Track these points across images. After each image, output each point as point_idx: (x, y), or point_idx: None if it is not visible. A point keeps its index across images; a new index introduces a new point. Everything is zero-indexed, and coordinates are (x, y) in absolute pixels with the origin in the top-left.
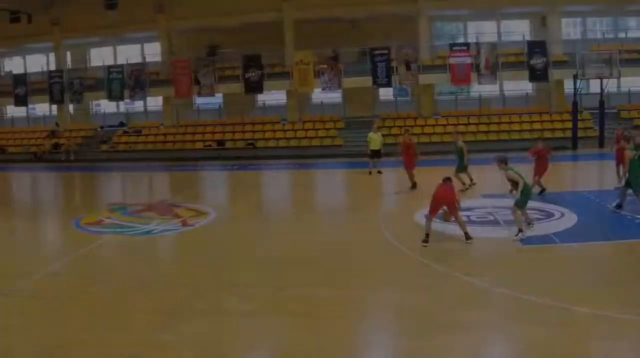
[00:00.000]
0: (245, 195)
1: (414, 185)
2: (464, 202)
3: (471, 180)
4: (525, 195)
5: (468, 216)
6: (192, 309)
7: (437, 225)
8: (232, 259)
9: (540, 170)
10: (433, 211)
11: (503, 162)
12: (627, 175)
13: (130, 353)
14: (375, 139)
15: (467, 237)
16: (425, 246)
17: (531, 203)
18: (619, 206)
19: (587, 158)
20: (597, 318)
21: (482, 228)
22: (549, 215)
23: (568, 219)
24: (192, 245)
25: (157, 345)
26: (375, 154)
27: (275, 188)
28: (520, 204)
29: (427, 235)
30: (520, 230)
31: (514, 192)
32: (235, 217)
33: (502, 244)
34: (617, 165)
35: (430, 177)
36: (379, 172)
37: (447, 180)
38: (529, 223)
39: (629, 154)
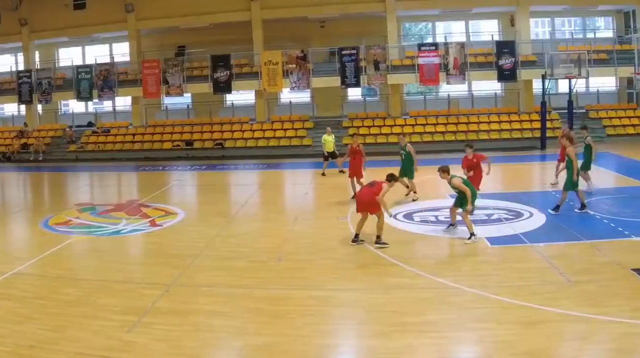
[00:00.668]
0: (213, 195)
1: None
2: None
3: (407, 187)
4: (473, 199)
5: (436, 216)
6: (162, 309)
7: (408, 226)
8: (200, 259)
9: (477, 180)
10: (357, 210)
11: (445, 172)
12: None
13: (100, 353)
14: (329, 141)
15: (377, 241)
16: (353, 245)
17: (500, 203)
18: (583, 206)
19: (555, 158)
20: (567, 318)
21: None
22: (518, 215)
23: (537, 219)
24: (161, 245)
25: (127, 345)
26: (331, 155)
27: (243, 188)
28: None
29: (357, 235)
30: (472, 234)
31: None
32: (204, 217)
33: (472, 244)
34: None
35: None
36: (341, 171)
37: (372, 183)
38: (454, 224)
39: (572, 150)
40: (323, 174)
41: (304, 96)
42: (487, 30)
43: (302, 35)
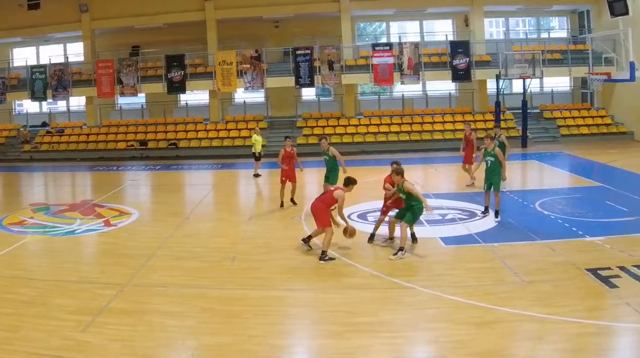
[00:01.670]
0: (168, 195)
1: (292, 202)
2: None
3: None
4: (417, 213)
5: (391, 216)
6: (116, 309)
7: (362, 226)
8: (155, 259)
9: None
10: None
11: (400, 174)
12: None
13: (55, 354)
14: (258, 141)
15: (322, 257)
16: (303, 244)
17: (454, 203)
18: (486, 209)
19: (509, 158)
20: (521, 318)
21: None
22: (472, 215)
23: (491, 219)
24: (115, 245)
25: (81, 345)
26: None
27: (198, 188)
28: (410, 221)
29: (309, 236)
30: (401, 249)
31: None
32: (158, 217)
33: (426, 244)
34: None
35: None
36: (256, 175)
37: (325, 193)
38: (391, 238)
39: (499, 151)
40: (255, 175)
41: (258, 96)
42: (442, 30)
43: (257, 35)
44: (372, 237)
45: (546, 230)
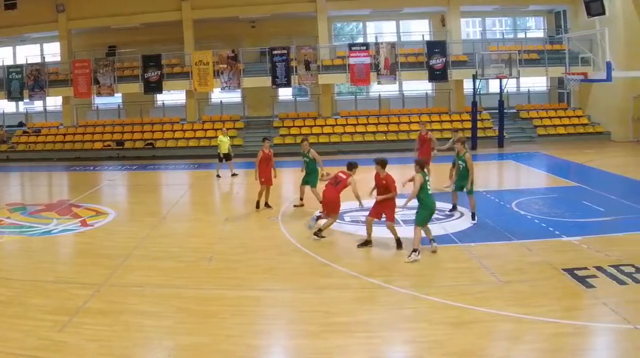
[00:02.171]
0: (144, 195)
1: (267, 206)
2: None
3: (301, 199)
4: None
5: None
6: (92, 309)
7: (339, 226)
8: (131, 259)
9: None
10: (323, 211)
11: (383, 166)
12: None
13: (31, 354)
14: (224, 142)
15: (317, 234)
16: (316, 238)
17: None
18: (454, 207)
19: (486, 158)
20: (497, 318)
21: (381, 229)
22: (448, 215)
23: (468, 219)
24: (92, 245)
25: (58, 345)
26: (225, 156)
27: (174, 188)
28: (419, 222)
29: (320, 230)
30: (414, 250)
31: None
32: (135, 217)
33: (403, 245)
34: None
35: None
36: (234, 174)
37: (336, 181)
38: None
39: (469, 156)
40: (218, 176)
41: (234, 96)
42: (418, 30)
43: (233, 35)
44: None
45: (523, 230)
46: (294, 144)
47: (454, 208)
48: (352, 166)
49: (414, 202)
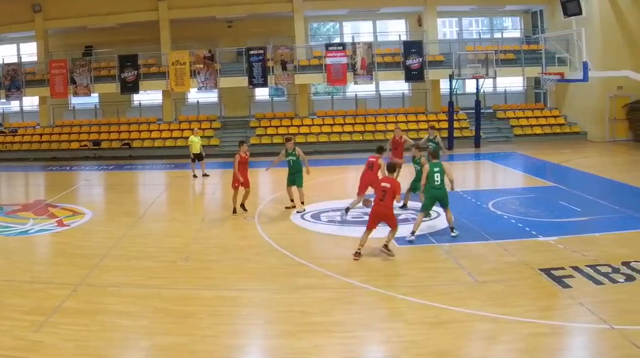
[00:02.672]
0: (121, 195)
1: (242, 208)
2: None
3: (292, 200)
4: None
5: (342, 216)
6: (69, 309)
7: (315, 225)
8: (108, 259)
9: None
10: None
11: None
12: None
13: (8, 354)
14: (196, 142)
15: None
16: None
17: (409, 203)
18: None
19: (463, 158)
20: (474, 318)
21: (358, 228)
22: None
23: (444, 219)
24: (69, 245)
25: (34, 345)
26: (197, 156)
27: (151, 188)
28: (423, 208)
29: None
30: (412, 232)
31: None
32: (112, 217)
33: (379, 244)
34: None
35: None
36: (205, 175)
37: (371, 167)
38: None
39: (425, 160)
40: (194, 176)
41: (211, 96)
42: (395, 30)
43: (210, 35)
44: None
45: (499, 230)
46: (271, 144)
47: (404, 206)
48: (381, 149)
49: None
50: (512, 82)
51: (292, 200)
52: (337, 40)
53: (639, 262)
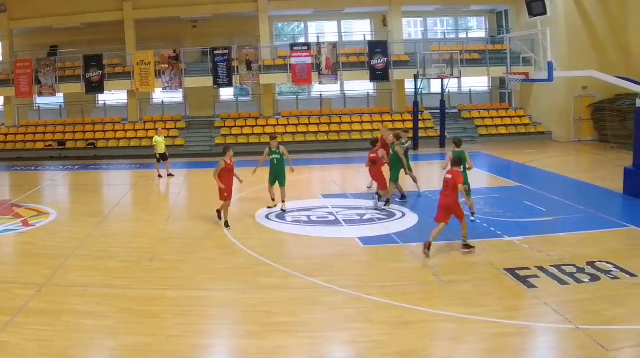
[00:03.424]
0: (86, 195)
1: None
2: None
3: (274, 199)
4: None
5: (308, 216)
6: (34, 309)
7: (280, 226)
8: (73, 259)
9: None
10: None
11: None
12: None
13: None
14: (160, 142)
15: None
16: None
17: (373, 203)
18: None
19: (428, 158)
20: (439, 318)
21: (323, 228)
22: (390, 215)
23: (409, 219)
24: (33, 245)
25: None
26: (162, 157)
27: (116, 188)
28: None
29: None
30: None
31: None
32: (76, 217)
33: (344, 244)
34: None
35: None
36: (170, 175)
37: (374, 163)
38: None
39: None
40: (160, 176)
41: (176, 96)
42: (360, 30)
43: (175, 36)
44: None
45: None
46: (236, 144)
47: (403, 197)
48: (374, 142)
49: None
50: (477, 82)
51: (273, 199)
52: (302, 40)
53: (604, 262)
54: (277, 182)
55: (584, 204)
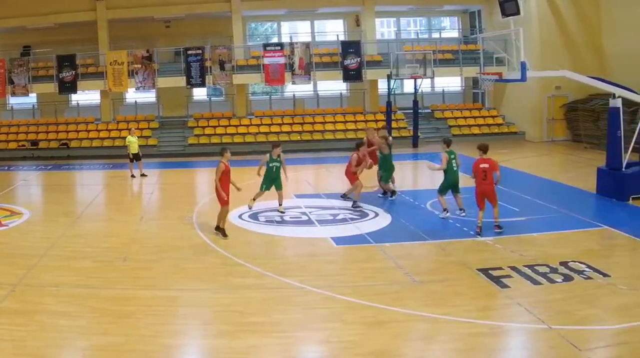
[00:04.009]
0: (59, 195)
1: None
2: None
3: (254, 199)
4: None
5: (282, 216)
6: (7, 309)
7: (253, 226)
8: (46, 259)
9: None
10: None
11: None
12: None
13: None
14: (133, 142)
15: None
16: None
17: (345, 203)
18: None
19: (400, 158)
20: (412, 318)
21: (296, 229)
22: (363, 215)
23: (382, 219)
24: (6, 245)
25: None
26: (135, 156)
27: (89, 188)
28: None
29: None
30: (444, 209)
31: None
32: (50, 217)
33: (317, 244)
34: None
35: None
36: (143, 175)
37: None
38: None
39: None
40: (132, 176)
41: (149, 96)
42: (333, 30)
43: (148, 36)
44: None
45: (437, 230)
46: (209, 144)
47: (393, 193)
48: (359, 145)
49: None
50: (450, 82)
51: (254, 199)
52: (275, 40)
53: (577, 261)
54: (272, 186)
55: (557, 204)
